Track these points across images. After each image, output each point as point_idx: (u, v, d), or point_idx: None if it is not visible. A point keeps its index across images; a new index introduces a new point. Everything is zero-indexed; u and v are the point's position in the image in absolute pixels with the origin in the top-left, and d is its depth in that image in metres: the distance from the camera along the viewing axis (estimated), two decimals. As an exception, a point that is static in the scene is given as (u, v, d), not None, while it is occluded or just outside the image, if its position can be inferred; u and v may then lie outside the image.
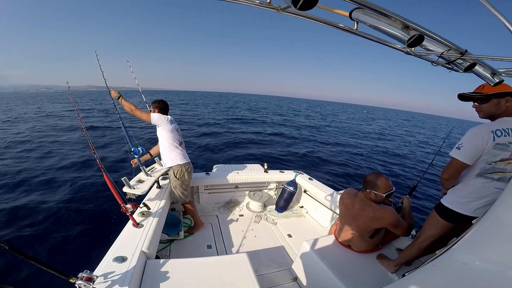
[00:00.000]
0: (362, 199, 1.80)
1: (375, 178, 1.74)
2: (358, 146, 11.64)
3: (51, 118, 15.98)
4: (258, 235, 2.72)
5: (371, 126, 23.63)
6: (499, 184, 1.26)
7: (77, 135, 9.91)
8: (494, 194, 1.26)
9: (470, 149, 1.27)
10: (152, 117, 2.36)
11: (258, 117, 20.76)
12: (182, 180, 2.50)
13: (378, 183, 1.71)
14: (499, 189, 1.26)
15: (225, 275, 1.44)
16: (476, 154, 1.26)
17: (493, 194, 1.27)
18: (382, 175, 1.75)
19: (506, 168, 1.23)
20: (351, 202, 1.86)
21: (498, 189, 1.26)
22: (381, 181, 1.71)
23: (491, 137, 1.22)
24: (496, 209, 1.06)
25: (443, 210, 1.51)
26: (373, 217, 1.72)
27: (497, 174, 1.25)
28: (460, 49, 1.06)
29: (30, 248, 3.09)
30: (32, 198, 4.37)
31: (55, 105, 28.38)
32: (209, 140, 9.97)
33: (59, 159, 6.72)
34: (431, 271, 1.08)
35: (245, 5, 1.01)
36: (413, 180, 7.12)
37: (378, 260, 1.84)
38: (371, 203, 1.76)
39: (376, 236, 1.85)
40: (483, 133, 1.25)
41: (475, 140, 1.26)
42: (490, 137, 1.22)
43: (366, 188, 1.78)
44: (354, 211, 1.82)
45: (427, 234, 1.58)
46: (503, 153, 1.22)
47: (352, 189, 2.01)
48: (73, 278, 1.10)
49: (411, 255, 1.67)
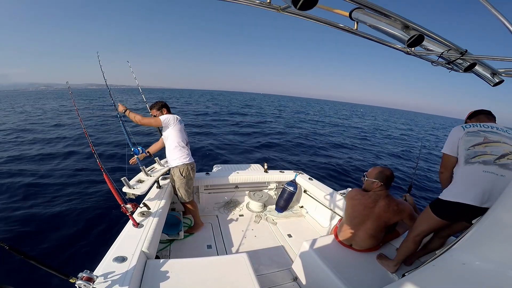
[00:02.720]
0: (383, 196, 1.85)
1: (389, 171, 1.89)
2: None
3: (50, 118, 15.98)
4: (258, 235, 2.72)
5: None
6: (486, 168, 1.37)
7: (77, 135, 9.90)
8: (485, 178, 1.36)
9: (448, 142, 1.57)
10: (162, 120, 2.38)
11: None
12: (187, 179, 2.51)
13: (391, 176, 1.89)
14: (487, 172, 1.36)
15: (225, 275, 1.44)
16: (453, 145, 1.53)
17: (484, 178, 1.36)
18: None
19: (486, 150, 1.41)
20: (372, 200, 1.86)
21: (487, 172, 1.37)
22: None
23: (462, 129, 1.53)
24: (496, 209, 1.06)
25: (437, 206, 1.55)
26: (397, 210, 1.80)
27: (479, 157, 1.41)
28: (460, 49, 1.07)
29: (30, 248, 3.09)
30: (32, 198, 4.37)
31: (59, 101, 28.35)
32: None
33: (59, 159, 6.72)
34: (431, 271, 1.08)
35: (245, 5, 1.01)
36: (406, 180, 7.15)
37: (378, 260, 1.84)
38: (393, 197, 1.87)
39: (385, 232, 1.93)
40: (456, 128, 1.58)
41: (451, 135, 1.57)
42: (461, 130, 1.53)
43: (389, 183, 1.88)
44: (377, 209, 1.82)
45: (419, 228, 1.64)
46: (476, 139, 1.45)
47: (358, 189, 2.02)
48: (73, 278, 1.10)
49: (408, 249, 1.69)
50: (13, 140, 8.95)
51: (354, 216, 1.92)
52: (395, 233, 2.07)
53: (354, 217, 1.92)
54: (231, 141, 10.09)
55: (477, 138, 1.45)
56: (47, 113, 18.32)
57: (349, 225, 1.94)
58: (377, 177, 1.87)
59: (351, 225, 1.93)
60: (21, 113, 18.39)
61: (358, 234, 1.89)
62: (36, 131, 10.84)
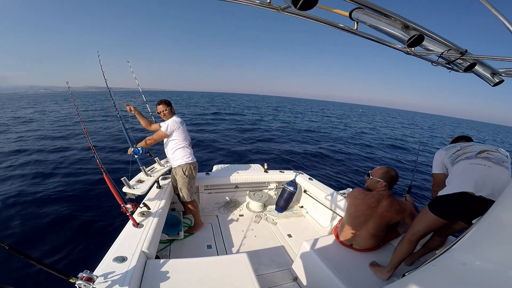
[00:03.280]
0: (386, 195, 1.85)
1: (395, 172, 1.91)
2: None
3: (51, 117, 15.98)
4: (258, 235, 2.72)
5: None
6: (471, 161, 1.52)
7: (77, 135, 9.91)
8: (474, 168, 1.47)
9: (434, 163, 1.78)
10: (167, 132, 2.38)
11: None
12: (190, 178, 2.52)
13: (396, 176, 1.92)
14: (473, 164, 1.49)
15: (225, 275, 1.44)
16: (439, 163, 1.74)
17: (473, 169, 1.47)
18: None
19: (465, 151, 1.60)
20: (375, 200, 1.85)
21: (473, 164, 1.49)
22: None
23: (442, 150, 1.77)
24: (496, 209, 1.06)
25: (434, 204, 1.55)
26: (399, 210, 1.82)
27: (461, 156, 1.59)
28: (460, 49, 1.07)
29: (30, 248, 3.09)
30: (31, 199, 4.37)
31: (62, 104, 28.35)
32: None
33: (59, 159, 6.72)
34: (431, 271, 1.08)
35: (245, 5, 1.01)
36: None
37: (370, 267, 1.78)
38: (395, 197, 1.89)
39: (386, 231, 1.94)
40: (437, 151, 1.80)
41: (435, 157, 1.79)
42: (441, 150, 1.77)
43: (393, 184, 1.89)
44: (380, 209, 1.83)
45: (415, 228, 1.63)
46: (454, 148, 1.68)
47: (361, 188, 2.02)
48: (73, 278, 1.10)
49: (402, 251, 1.66)
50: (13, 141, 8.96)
51: (356, 216, 1.91)
52: (396, 233, 2.07)
53: (356, 217, 1.91)
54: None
55: (455, 148, 1.68)
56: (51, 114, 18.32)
57: (351, 225, 1.93)
58: (382, 177, 1.87)
59: (353, 224, 1.92)
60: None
61: (360, 233, 1.88)
62: (36, 130, 10.85)
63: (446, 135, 25.77)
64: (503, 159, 1.48)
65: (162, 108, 2.44)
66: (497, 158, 1.47)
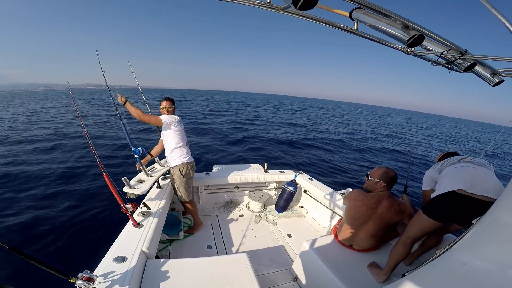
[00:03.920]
0: (385, 196, 1.85)
1: (394, 173, 1.92)
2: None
3: (51, 117, 15.97)
4: (258, 235, 2.72)
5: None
6: (456, 165, 1.63)
7: (76, 135, 9.90)
8: (460, 170, 1.57)
9: (425, 181, 1.85)
10: (164, 120, 2.37)
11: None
12: (187, 178, 2.52)
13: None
14: (459, 167, 1.59)
15: (225, 275, 1.44)
16: (429, 180, 1.82)
17: (460, 171, 1.56)
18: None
19: (449, 161, 1.72)
20: (375, 201, 1.86)
21: (458, 167, 1.59)
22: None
23: (431, 168, 1.85)
24: (496, 209, 1.06)
25: (428, 206, 1.56)
26: (399, 210, 1.83)
27: (446, 164, 1.71)
28: (460, 49, 1.07)
29: (30, 248, 3.09)
30: (31, 199, 4.37)
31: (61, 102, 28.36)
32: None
33: (59, 159, 6.72)
34: (431, 271, 1.08)
35: (245, 5, 1.01)
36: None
37: (368, 269, 1.78)
38: (395, 198, 1.90)
39: (385, 232, 1.94)
40: (428, 170, 1.87)
41: (425, 176, 1.86)
42: (430, 168, 1.85)
43: (392, 185, 1.90)
44: (380, 210, 1.83)
45: (410, 231, 1.64)
46: (440, 164, 1.78)
47: (360, 190, 2.02)
48: (73, 278, 1.10)
49: (398, 254, 1.67)
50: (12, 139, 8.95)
51: (356, 218, 1.91)
52: (395, 233, 2.08)
53: (356, 218, 1.91)
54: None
55: (440, 163, 1.79)
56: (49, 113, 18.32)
57: (350, 226, 1.93)
58: (382, 177, 1.87)
59: (353, 225, 1.92)
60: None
61: (359, 234, 1.88)
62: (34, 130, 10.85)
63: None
64: (485, 163, 1.60)
65: (167, 105, 2.47)
66: (479, 162, 1.60)
